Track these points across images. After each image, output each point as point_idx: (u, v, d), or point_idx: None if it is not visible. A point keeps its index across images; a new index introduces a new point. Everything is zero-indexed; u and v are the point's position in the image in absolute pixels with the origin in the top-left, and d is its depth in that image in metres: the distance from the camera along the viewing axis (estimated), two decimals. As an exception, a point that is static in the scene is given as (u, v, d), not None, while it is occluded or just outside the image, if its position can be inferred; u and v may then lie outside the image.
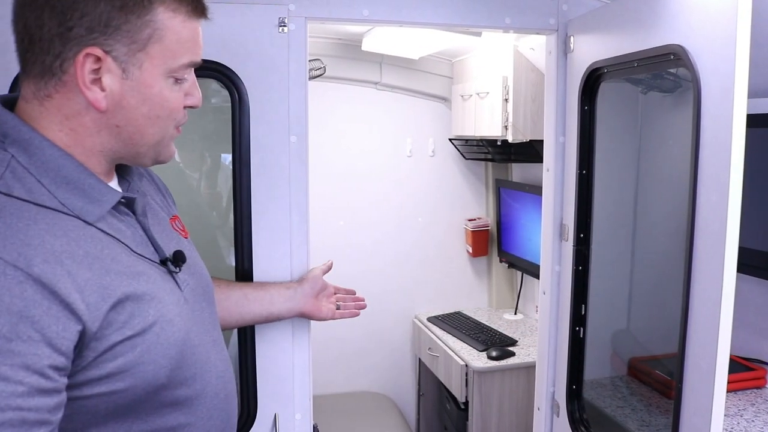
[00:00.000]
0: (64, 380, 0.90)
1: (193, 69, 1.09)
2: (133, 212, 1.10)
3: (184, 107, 1.10)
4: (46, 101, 1.00)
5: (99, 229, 1.00)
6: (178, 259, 1.12)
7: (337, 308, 1.88)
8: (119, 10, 0.96)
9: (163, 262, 1.10)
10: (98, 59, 0.97)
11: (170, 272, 1.11)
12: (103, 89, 0.99)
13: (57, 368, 0.87)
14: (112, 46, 0.97)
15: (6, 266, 0.85)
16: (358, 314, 1.95)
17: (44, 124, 1.00)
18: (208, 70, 1.84)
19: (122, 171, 1.15)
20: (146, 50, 1.00)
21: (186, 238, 1.26)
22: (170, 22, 1.01)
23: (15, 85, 1.74)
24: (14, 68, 1.04)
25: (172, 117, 1.07)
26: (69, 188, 0.98)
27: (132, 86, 1.00)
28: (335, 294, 1.90)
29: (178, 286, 1.12)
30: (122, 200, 1.07)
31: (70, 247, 0.93)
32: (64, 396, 0.90)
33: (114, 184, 1.10)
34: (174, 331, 1.04)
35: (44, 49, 0.97)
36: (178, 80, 1.05)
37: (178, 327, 1.05)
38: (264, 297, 1.73)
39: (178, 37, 1.02)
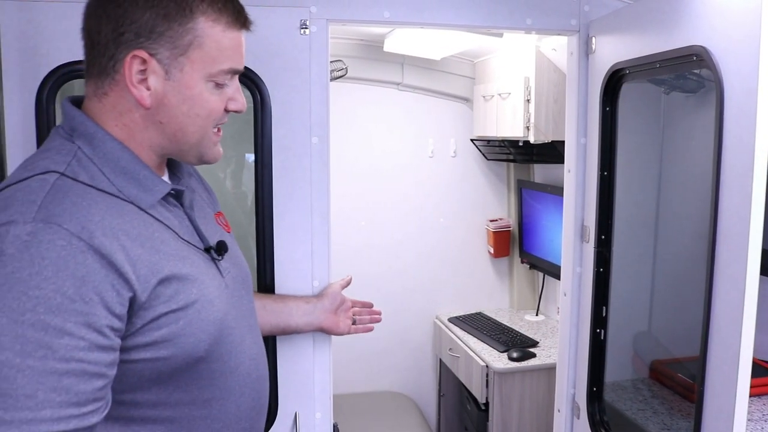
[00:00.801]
0: (118, 341, 1.02)
1: (236, 76, 1.19)
2: (181, 204, 1.22)
3: (227, 111, 1.19)
4: (103, 98, 1.12)
5: (150, 215, 1.12)
6: (221, 248, 1.23)
7: (353, 322, 1.90)
8: (163, 18, 1.08)
9: (207, 250, 1.22)
10: (144, 61, 1.08)
11: (213, 259, 1.22)
12: (148, 88, 1.10)
13: (113, 328, 0.99)
14: (157, 49, 1.08)
15: (71, 237, 0.96)
16: (372, 329, 1.96)
17: (103, 119, 1.13)
18: (231, 72, 1.86)
19: (172, 168, 1.29)
20: (187, 55, 1.10)
21: (229, 232, 1.38)
22: (210, 30, 1.11)
23: (42, 89, 1.79)
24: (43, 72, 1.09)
25: (211, 117, 1.16)
26: (126, 177, 1.11)
27: (174, 87, 1.11)
28: (352, 308, 1.91)
29: (220, 273, 1.22)
30: (171, 192, 1.19)
31: (125, 227, 1.04)
32: (117, 354, 1.02)
33: (165, 178, 1.24)
34: (214, 310, 1.15)
35: (101, 52, 1.09)
36: (218, 85, 1.15)
37: (218, 308, 1.16)
38: (282, 309, 1.77)
39: (218, 45, 1.12)
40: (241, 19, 1.15)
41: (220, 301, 1.17)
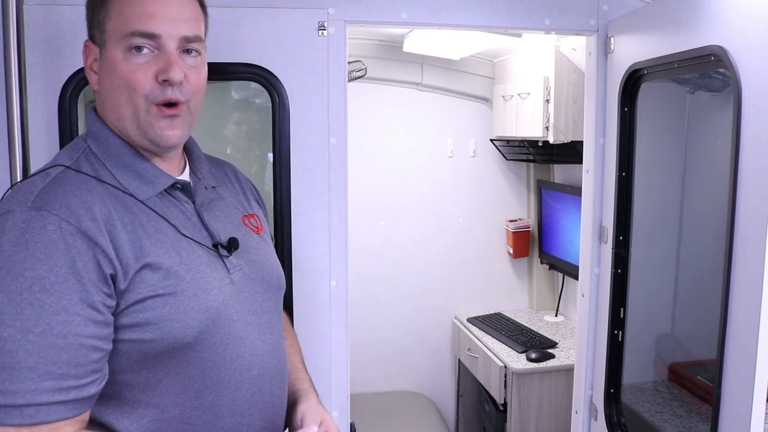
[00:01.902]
0: (111, 317, 1.08)
1: (160, 44, 1.16)
2: (193, 202, 1.26)
3: (160, 82, 1.16)
4: (96, 95, 1.23)
5: (149, 206, 1.18)
6: (231, 245, 1.26)
7: None
8: (93, 8, 1.20)
9: (215, 246, 1.24)
10: (87, 48, 1.21)
11: (220, 255, 1.25)
12: (96, 72, 1.21)
13: (105, 305, 1.06)
14: (94, 35, 1.20)
15: (61, 222, 1.04)
16: None
17: (101, 113, 1.22)
18: (250, 73, 1.89)
19: (195, 168, 1.33)
20: (104, 29, 1.17)
21: (258, 234, 1.39)
22: (116, 2, 1.17)
23: (65, 90, 1.82)
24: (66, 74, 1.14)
25: (132, 88, 1.15)
26: (127, 171, 1.18)
27: (104, 64, 1.18)
28: None
29: (226, 268, 1.24)
30: (178, 187, 1.24)
31: (117, 214, 1.12)
32: (112, 330, 1.08)
33: (184, 175, 1.29)
34: (209, 300, 1.17)
35: None
36: (131, 50, 1.15)
37: (213, 298, 1.18)
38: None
39: (122, 11, 1.16)
40: None
41: (218, 293, 1.20)
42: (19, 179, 1.66)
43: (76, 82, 1.83)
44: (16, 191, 1.10)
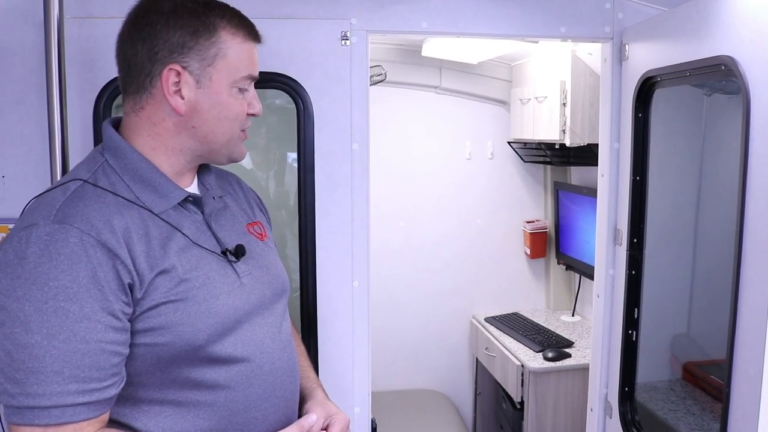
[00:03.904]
0: (128, 324, 1.15)
1: (252, 83, 1.32)
2: (202, 212, 1.33)
3: (247, 114, 1.32)
4: (140, 112, 1.26)
5: (163, 219, 1.24)
6: (239, 251, 1.33)
7: None
8: (191, 35, 1.22)
9: (224, 253, 1.31)
10: (178, 73, 1.22)
11: (229, 261, 1.32)
12: (182, 97, 1.24)
13: (123, 312, 1.13)
14: (188, 62, 1.23)
15: (82, 234, 1.11)
16: None
17: (138, 131, 1.27)
18: (276, 81, 1.96)
19: (203, 179, 1.40)
20: (214, 65, 1.24)
21: (262, 240, 1.46)
22: (231, 42, 1.25)
23: (99, 99, 1.91)
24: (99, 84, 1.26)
25: (238, 120, 1.29)
26: (143, 185, 1.24)
27: (204, 94, 1.25)
28: None
29: (236, 273, 1.32)
30: (190, 200, 1.31)
31: (133, 227, 1.18)
32: (129, 335, 1.15)
33: (193, 186, 1.36)
34: (219, 304, 1.25)
35: (138, 71, 1.24)
36: (240, 90, 1.29)
37: (224, 302, 1.26)
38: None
39: (238, 54, 1.26)
40: (254, 33, 1.30)
41: (228, 297, 1.27)
42: (58, 184, 1.75)
43: (110, 92, 1.91)
44: (39, 205, 1.17)
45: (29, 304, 1.07)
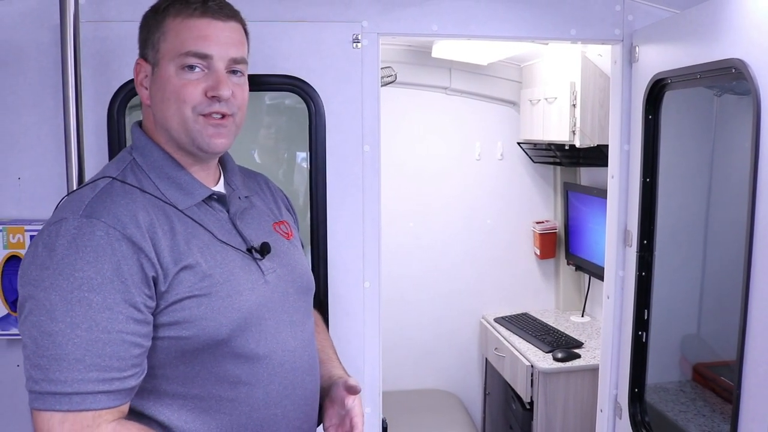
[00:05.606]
0: (151, 317, 1.18)
1: (212, 64, 1.28)
2: (227, 211, 1.37)
3: (209, 97, 1.27)
4: (145, 110, 1.35)
5: (188, 215, 1.28)
6: (264, 249, 1.36)
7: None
8: (148, 30, 1.31)
9: (249, 250, 1.34)
10: (140, 65, 1.32)
11: (254, 258, 1.34)
12: (147, 88, 1.32)
13: (146, 305, 1.17)
14: (146, 53, 1.31)
15: (108, 228, 1.15)
16: None
17: (149, 126, 1.34)
18: (288, 84, 1.98)
19: (229, 180, 1.44)
20: (159, 49, 1.28)
21: (288, 239, 1.49)
22: (172, 24, 1.28)
23: (114, 101, 1.94)
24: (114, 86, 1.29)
25: (182, 100, 1.27)
26: (169, 182, 1.29)
27: (156, 79, 1.29)
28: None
29: (261, 270, 1.34)
30: (215, 197, 1.34)
31: (157, 222, 1.22)
32: (151, 328, 1.18)
33: (219, 186, 1.40)
34: (242, 300, 1.27)
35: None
36: (188, 68, 1.27)
37: (247, 298, 1.28)
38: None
39: (177, 33, 1.27)
40: (200, 9, 1.28)
41: (252, 293, 1.30)
42: (74, 184, 1.78)
43: (124, 93, 1.94)
44: (69, 201, 1.22)
45: (55, 293, 1.10)
